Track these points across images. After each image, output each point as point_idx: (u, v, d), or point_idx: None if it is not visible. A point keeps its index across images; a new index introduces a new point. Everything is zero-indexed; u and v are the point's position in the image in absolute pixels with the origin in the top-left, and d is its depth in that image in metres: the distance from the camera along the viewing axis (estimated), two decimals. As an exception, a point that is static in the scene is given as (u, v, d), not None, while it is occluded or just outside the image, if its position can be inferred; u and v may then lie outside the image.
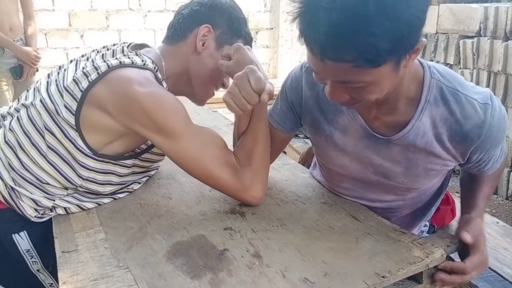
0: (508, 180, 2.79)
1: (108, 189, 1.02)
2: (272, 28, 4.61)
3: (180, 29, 1.09)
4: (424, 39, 0.73)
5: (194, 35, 1.07)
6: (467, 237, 0.86)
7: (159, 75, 1.01)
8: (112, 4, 3.97)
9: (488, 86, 2.81)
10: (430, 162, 0.92)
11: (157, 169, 1.19)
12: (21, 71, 2.49)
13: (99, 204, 1.03)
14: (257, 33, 4.57)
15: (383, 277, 0.75)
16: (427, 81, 0.86)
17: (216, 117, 1.76)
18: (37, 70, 2.60)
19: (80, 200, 1.01)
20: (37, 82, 1.07)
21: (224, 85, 1.16)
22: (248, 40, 1.14)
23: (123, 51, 1.02)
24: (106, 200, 1.04)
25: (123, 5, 4.02)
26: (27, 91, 1.06)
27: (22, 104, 1.00)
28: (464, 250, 0.88)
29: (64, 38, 3.91)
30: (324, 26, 0.66)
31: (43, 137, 0.94)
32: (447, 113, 0.86)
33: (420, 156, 0.91)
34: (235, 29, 1.10)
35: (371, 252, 0.82)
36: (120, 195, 1.06)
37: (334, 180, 1.07)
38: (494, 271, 1.19)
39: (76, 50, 3.92)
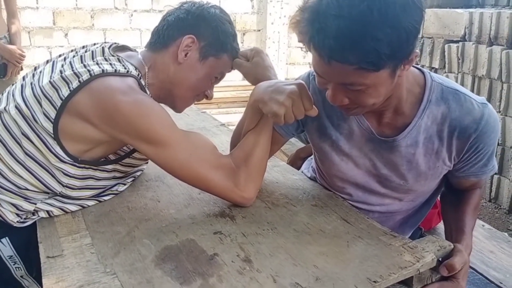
0: (491, 183, 2.84)
1: (85, 193, 0.99)
2: (259, 30, 4.61)
3: (164, 36, 1.05)
4: (417, 50, 0.81)
5: (177, 44, 1.04)
6: (444, 271, 0.85)
7: (143, 82, 0.99)
8: (97, 2, 3.92)
9: (472, 90, 2.85)
10: (429, 160, 0.97)
11: (142, 170, 1.17)
12: (5, 69, 2.43)
13: (83, 207, 1.00)
14: (244, 34, 4.56)
15: (374, 282, 0.74)
16: (428, 83, 0.94)
17: (205, 118, 1.74)
18: (22, 68, 2.55)
19: (63, 203, 0.98)
20: (12, 85, 1.03)
21: (207, 97, 1.13)
22: (233, 55, 1.11)
23: (103, 53, 0.99)
24: (90, 203, 1.01)
25: (108, 4, 3.97)
26: (1, 95, 1.02)
27: None
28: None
29: (48, 36, 3.84)
30: (333, 31, 0.74)
31: (20, 144, 0.91)
32: (447, 111, 0.93)
33: (420, 156, 0.96)
34: (221, 43, 1.06)
35: (362, 256, 0.82)
36: (106, 198, 1.04)
37: (336, 187, 1.09)
38: (481, 274, 1.20)
39: (60, 49, 3.86)
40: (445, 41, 3.04)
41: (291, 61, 4.75)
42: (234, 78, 3.93)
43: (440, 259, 0.86)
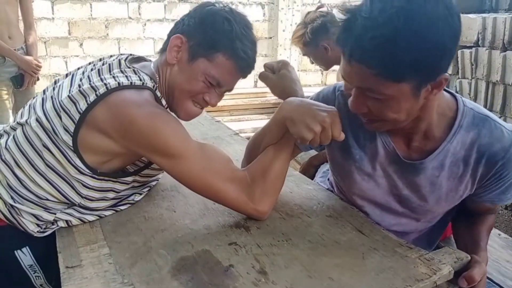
0: (507, 190, 2.79)
1: (103, 204, 1.01)
2: (271, 37, 4.63)
3: (166, 40, 1.05)
4: (447, 74, 0.78)
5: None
6: (463, 283, 0.85)
7: (158, 93, 1.00)
8: (111, 13, 3.98)
9: (486, 96, 2.82)
10: (452, 183, 0.95)
11: (158, 180, 1.18)
12: (22, 80, 2.48)
13: (100, 217, 1.02)
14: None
15: (390, 294, 0.74)
16: (461, 108, 0.92)
17: (219, 127, 1.75)
18: (38, 79, 2.60)
19: (81, 213, 1.00)
20: (33, 98, 1.06)
21: (207, 103, 1.04)
22: (232, 56, 0.98)
23: (120, 65, 1.00)
24: (107, 213, 1.03)
25: (122, 14, 4.03)
26: (23, 107, 1.05)
27: (18, 122, 1.00)
28: None
29: (63, 46, 3.91)
30: (358, 30, 0.76)
31: (41, 156, 0.94)
32: (477, 137, 0.91)
33: (444, 178, 0.95)
34: (211, 41, 0.97)
35: (378, 268, 0.81)
36: (122, 207, 1.05)
37: (355, 205, 1.08)
38: (497, 284, 1.19)
39: (76, 59, 3.93)
40: (458, 46, 3.01)
41: (303, 68, 4.76)
42: (246, 85, 3.95)
43: (455, 270, 0.86)
